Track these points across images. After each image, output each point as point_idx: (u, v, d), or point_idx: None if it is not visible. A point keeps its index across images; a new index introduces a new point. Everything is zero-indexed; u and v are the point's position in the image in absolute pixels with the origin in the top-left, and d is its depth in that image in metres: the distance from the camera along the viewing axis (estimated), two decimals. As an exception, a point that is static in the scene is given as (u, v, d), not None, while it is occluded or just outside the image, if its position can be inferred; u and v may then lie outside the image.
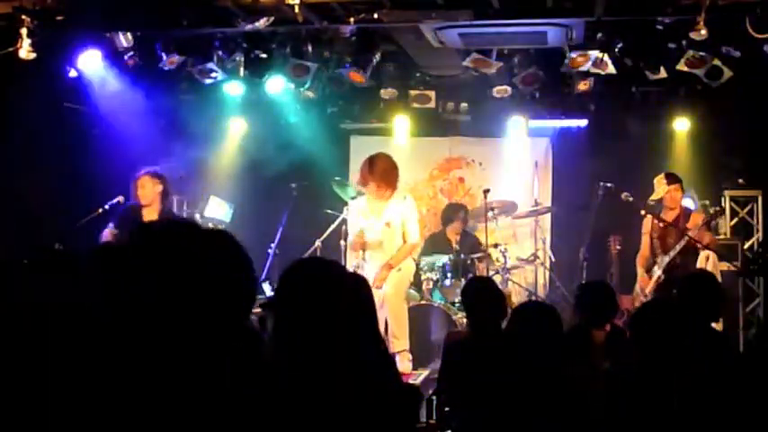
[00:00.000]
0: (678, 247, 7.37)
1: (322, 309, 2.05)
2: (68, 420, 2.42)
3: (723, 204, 9.13)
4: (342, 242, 8.17)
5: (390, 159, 7.47)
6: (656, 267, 7.57)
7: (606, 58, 7.79)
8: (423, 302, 8.08)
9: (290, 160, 9.47)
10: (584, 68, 8.04)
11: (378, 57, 8.21)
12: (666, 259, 7.48)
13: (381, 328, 6.89)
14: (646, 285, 7.53)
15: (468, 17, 6.76)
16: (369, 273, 7.20)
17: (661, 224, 7.51)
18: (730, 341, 4.45)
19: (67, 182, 8.61)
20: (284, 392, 1.67)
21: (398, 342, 7.13)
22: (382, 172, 7.28)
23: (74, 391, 2.48)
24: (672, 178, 7.65)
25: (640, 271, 7.70)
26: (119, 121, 8.79)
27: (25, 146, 8.26)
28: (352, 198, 8.18)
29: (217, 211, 9.73)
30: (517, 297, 8.97)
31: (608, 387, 3.80)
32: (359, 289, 3.65)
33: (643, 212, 7.61)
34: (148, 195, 7.35)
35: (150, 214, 7.30)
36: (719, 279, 5.79)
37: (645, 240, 7.76)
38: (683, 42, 7.40)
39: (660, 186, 7.59)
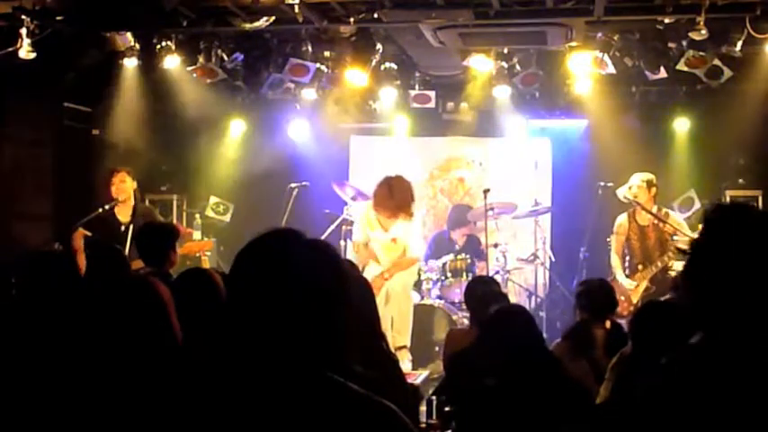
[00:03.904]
0: (671, 254, 7.27)
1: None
2: (65, 411, 2.42)
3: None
4: (341, 242, 8.17)
5: (408, 185, 7.43)
6: (638, 275, 7.45)
7: (606, 58, 7.79)
8: (423, 302, 8.08)
9: (290, 160, 9.48)
10: (583, 69, 8.06)
11: (378, 57, 8.21)
12: (654, 269, 7.34)
13: (386, 324, 6.93)
14: (632, 295, 7.38)
15: (468, 17, 6.76)
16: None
17: (651, 220, 7.44)
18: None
19: (67, 182, 8.62)
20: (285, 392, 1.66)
21: (400, 337, 7.17)
22: (402, 200, 7.28)
23: (70, 384, 2.48)
24: (652, 184, 7.53)
25: (622, 277, 7.50)
26: (118, 121, 8.80)
27: (25, 146, 8.27)
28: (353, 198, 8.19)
29: (217, 210, 9.74)
30: (517, 297, 8.96)
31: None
32: (361, 286, 3.66)
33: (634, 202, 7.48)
34: (127, 190, 7.32)
35: (125, 211, 7.28)
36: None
37: (618, 242, 7.59)
38: (683, 42, 7.40)
39: (641, 190, 7.48)
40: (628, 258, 7.66)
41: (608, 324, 4.91)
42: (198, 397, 1.67)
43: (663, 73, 7.87)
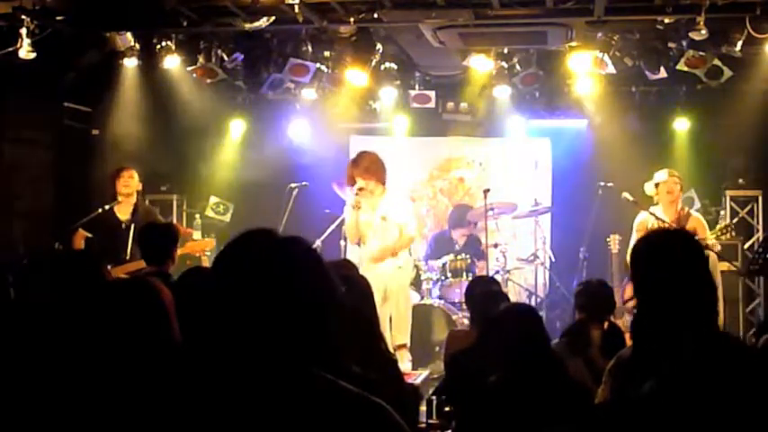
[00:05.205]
0: None
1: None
2: (66, 413, 2.42)
3: (723, 204, 9.14)
4: (342, 242, 8.16)
5: (375, 155, 7.46)
6: None
7: (606, 58, 7.79)
8: (423, 302, 8.08)
9: (290, 160, 9.48)
10: (583, 69, 8.06)
11: (378, 57, 8.21)
12: None
13: (385, 323, 6.92)
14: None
15: (468, 17, 6.76)
16: (366, 263, 7.22)
17: (660, 223, 7.43)
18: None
19: (67, 182, 8.62)
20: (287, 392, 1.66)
21: (400, 336, 7.16)
22: (366, 166, 7.29)
23: (70, 384, 2.48)
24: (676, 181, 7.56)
25: None
26: (118, 121, 8.80)
27: (25, 146, 8.27)
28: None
29: (217, 210, 9.74)
30: (517, 297, 8.96)
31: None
32: (360, 286, 3.66)
33: (646, 212, 7.50)
34: (133, 186, 7.37)
35: (125, 209, 7.30)
36: (719, 279, 5.78)
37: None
38: (683, 42, 7.40)
39: (664, 187, 7.47)
40: None
41: (605, 325, 4.92)
42: (189, 395, 1.68)
43: (663, 73, 7.88)
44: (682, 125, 9.43)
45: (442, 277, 8.33)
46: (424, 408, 4.30)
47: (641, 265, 2.61)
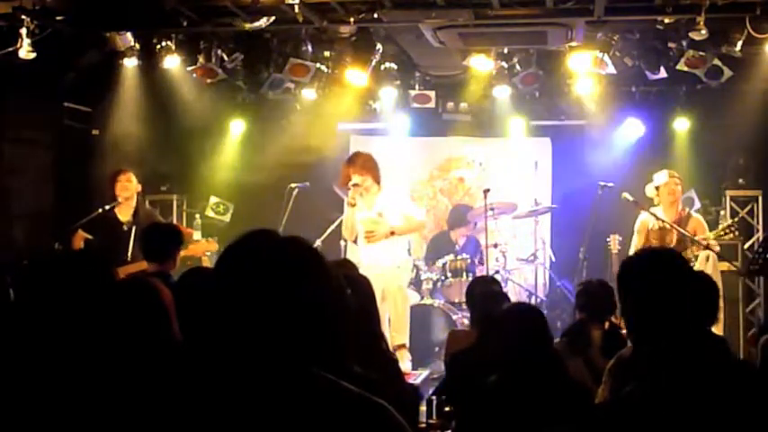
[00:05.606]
0: (692, 257, 7.20)
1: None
2: (64, 412, 2.42)
3: (723, 204, 9.14)
4: (342, 242, 8.17)
5: (369, 154, 7.55)
6: None
7: (606, 58, 7.79)
8: (423, 302, 8.08)
9: (290, 160, 9.48)
10: (583, 68, 8.06)
11: (378, 57, 8.21)
12: None
13: (384, 323, 6.93)
14: None
15: (468, 17, 6.76)
16: (364, 259, 7.23)
17: (661, 224, 7.43)
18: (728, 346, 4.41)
19: (67, 182, 8.62)
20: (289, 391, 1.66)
21: (398, 336, 7.16)
22: (362, 163, 7.37)
23: (70, 385, 2.48)
24: (677, 182, 7.57)
25: None
26: (118, 121, 8.80)
27: (25, 146, 8.27)
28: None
29: (217, 211, 9.74)
30: (517, 297, 8.96)
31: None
32: (361, 286, 3.66)
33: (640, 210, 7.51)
34: (132, 189, 7.33)
35: (126, 211, 7.28)
36: (719, 279, 5.77)
37: (638, 241, 7.53)
38: (683, 42, 7.40)
39: (666, 188, 7.48)
40: None
41: (606, 325, 4.91)
42: (189, 395, 1.68)
43: (663, 73, 7.88)
44: (682, 125, 9.42)
45: (442, 277, 8.33)
46: (424, 408, 4.30)
47: (638, 274, 2.57)
